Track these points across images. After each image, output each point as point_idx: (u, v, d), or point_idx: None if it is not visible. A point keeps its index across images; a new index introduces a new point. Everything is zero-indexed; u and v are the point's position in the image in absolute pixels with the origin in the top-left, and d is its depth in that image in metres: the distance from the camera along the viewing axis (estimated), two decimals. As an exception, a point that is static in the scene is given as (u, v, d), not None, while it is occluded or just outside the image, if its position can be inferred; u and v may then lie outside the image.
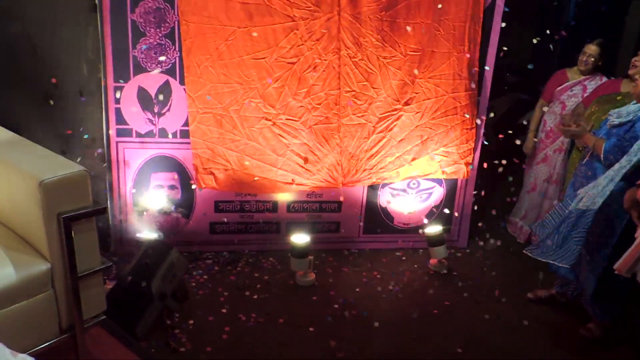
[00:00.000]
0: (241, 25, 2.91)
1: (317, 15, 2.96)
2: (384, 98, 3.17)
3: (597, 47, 3.43)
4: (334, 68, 3.06)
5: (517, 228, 3.88)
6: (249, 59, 2.97)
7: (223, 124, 3.05)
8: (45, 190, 1.71)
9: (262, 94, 3.03)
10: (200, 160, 3.11)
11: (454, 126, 3.33)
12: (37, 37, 2.85)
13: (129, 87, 3.00)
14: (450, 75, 3.23)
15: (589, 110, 3.11)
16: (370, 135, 3.22)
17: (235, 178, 3.16)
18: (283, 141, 3.14)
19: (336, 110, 3.13)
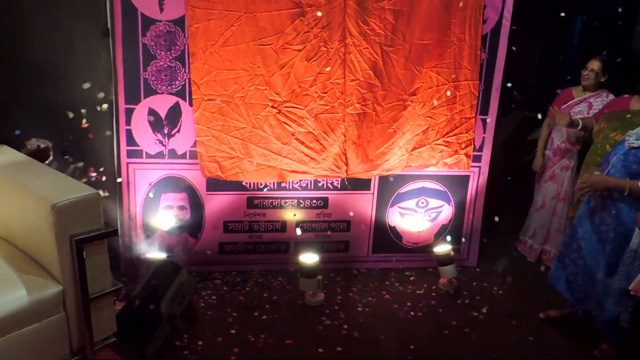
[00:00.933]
0: (247, 11, 2.91)
1: (323, 2, 2.97)
2: (389, 87, 3.16)
3: (599, 62, 3.44)
4: (339, 57, 3.06)
5: (527, 247, 3.86)
6: (254, 45, 2.96)
7: (228, 111, 3.05)
8: (58, 213, 1.73)
9: (267, 80, 3.03)
10: (204, 148, 3.10)
11: (453, 115, 3.32)
12: (50, 61, 2.90)
13: (139, 108, 3.04)
14: (451, 64, 3.23)
15: (598, 127, 3.10)
16: (375, 125, 3.21)
17: (240, 166, 3.15)
18: (288, 129, 3.13)
19: (342, 99, 3.13)
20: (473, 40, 3.21)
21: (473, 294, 3.34)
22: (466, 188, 3.55)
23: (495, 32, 3.28)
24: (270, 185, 3.32)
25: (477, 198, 3.58)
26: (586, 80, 3.48)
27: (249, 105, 3.05)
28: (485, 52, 3.30)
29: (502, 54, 3.32)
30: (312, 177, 3.29)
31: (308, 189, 3.38)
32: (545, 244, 3.76)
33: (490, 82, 3.36)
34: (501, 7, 3.25)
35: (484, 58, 3.30)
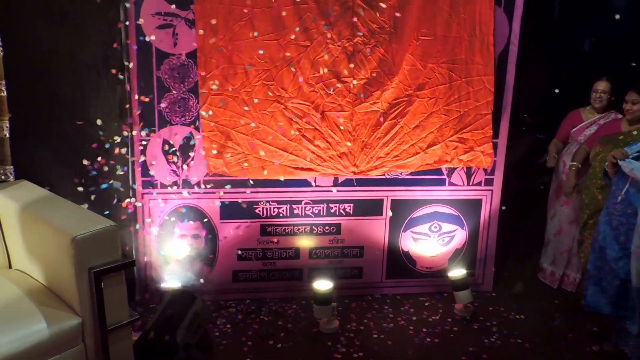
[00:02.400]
0: (254, 6, 2.95)
1: (331, 1, 3.00)
2: (397, 84, 3.17)
3: (607, 82, 3.46)
4: (347, 55, 3.09)
5: (547, 274, 3.80)
6: (262, 40, 3.00)
7: (234, 106, 3.06)
8: (78, 246, 1.76)
9: (274, 76, 3.06)
10: (210, 144, 3.12)
11: (467, 111, 3.30)
12: (68, 96, 2.98)
13: (154, 140, 3.10)
14: (463, 60, 3.22)
15: (594, 151, 3.13)
16: (383, 123, 3.22)
17: (245, 162, 3.16)
18: (294, 125, 3.14)
19: (349, 97, 3.15)
20: (484, 35, 3.20)
21: (489, 319, 3.30)
22: (479, 211, 3.54)
23: (503, 56, 3.31)
24: (283, 212, 3.34)
25: (490, 221, 3.56)
26: (598, 102, 3.50)
27: (255, 100, 3.08)
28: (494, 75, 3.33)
29: (511, 78, 3.35)
30: (317, 175, 3.27)
31: (320, 215, 3.39)
32: (567, 269, 3.70)
33: (500, 106, 3.38)
34: (508, 32, 3.29)
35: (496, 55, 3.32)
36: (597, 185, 3.09)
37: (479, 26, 3.19)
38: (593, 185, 3.14)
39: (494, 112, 3.36)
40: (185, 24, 2.98)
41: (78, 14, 2.87)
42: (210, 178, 3.20)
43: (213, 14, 2.95)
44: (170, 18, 2.96)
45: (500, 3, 3.24)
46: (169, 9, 2.94)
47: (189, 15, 2.97)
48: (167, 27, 2.97)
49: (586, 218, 3.21)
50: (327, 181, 3.34)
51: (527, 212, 4.37)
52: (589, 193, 3.19)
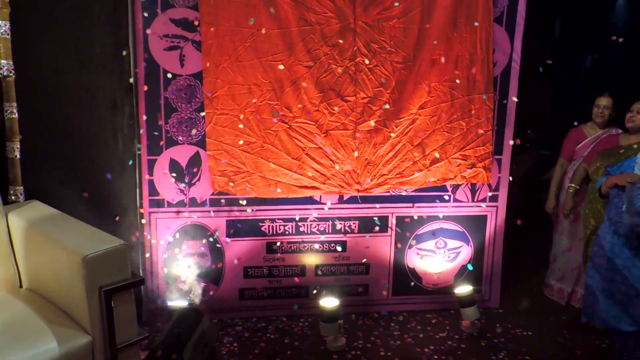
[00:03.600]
0: (259, 28, 3.01)
1: (333, 22, 3.07)
2: (400, 103, 3.21)
3: (609, 97, 3.49)
4: (349, 74, 3.14)
5: (554, 290, 3.78)
6: (266, 61, 3.06)
7: (238, 126, 3.11)
8: (88, 265, 1.78)
9: (278, 96, 3.11)
10: (215, 162, 3.15)
11: (470, 129, 3.33)
12: (77, 117, 3.03)
13: (161, 159, 3.14)
14: (464, 77, 3.26)
15: (594, 166, 3.15)
16: (387, 141, 3.25)
17: (250, 181, 3.18)
18: (299, 144, 3.18)
19: (352, 116, 3.19)
20: (484, 53, 3.26)
21: (497, 335, 3.29)
22: (484, 228, 3.55)
23: (505, 74, 3.36)
24: (288, 230, 3.36)
25: (495, 238, 3.57)
26: (600, 117, 3.52)
27: (260, 119, 3.12)
28: (497, 94, 3.37)
29: (514, 95, 3.38)
30: (321, 193, 3.30)
31: (326, 232, 3.41)
32: (576, 285, 3.68)
33: (502, 123, 3.41)
34: (510, 50, 3.34)
35: (496, 99, 3.37)
36: (599, 200, 3.11)
37: (480, 44, 3.25)
38: (595, 200, 3.15)
39: (497, 129, 3.40)
40: (192, 45, 3.04)
41: (87, 38, 2.93)
42: (216, 197, 3.23)
43: (219, 35, 3.01)
44: (178, 40, 3.02)
45: (501, 22, 3.30)
46: (176, 31, 3.01)
47: (196, 37, 3.03)
48: (174, 49, 3.03)
49: (589, 233, 3.22)
50: (333, 198, 3.36)
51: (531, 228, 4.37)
52: (592, 208, 3.20)
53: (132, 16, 2.95)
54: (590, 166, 3.28)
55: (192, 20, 3.01)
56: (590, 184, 3.26)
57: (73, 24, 2.90)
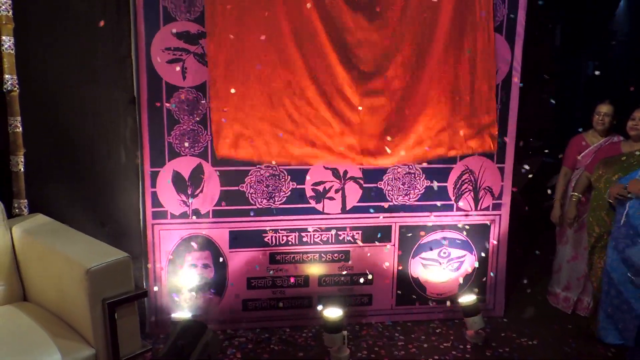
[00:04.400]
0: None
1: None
2: (400, 73, 3.18)
3: (610, 105, 3.49)
4: (352, 42, 3.11)
5: (560, 299, 3.76)
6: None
7: (244, 91, 3.07)
8: (92, 277, 1.79)
9: (284, 60, 3.07)
10: (218, 126, 3.11)
11: (473, 97, 3.30)
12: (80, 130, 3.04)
13: (164, 171, 3.15)
14: (463, 44, 3.23)
15: (596, 174, 3.15)
16: (391, 114, 3.22)
17: (254, 146, 3.16)
18: (303, 112, 3.15)
19: (355, 87, 3.17)
20: (485, 19, 3.23)
21: (502, 345, 3.27)
22: (488, 237, 3.54)
23: (506, 83, 3.37)
24: (291, 240, 3.36)
25: (499, 246, 3.56)
26: (600, 124, 3.52)
27: (265, 84, 3.09)
28: (498, 102, 3.38)
29: (515, 104, 3.39)
30: (323, 163, 3.26)
31: (329, 242, 3.40)
32: (582, 294, 3.66)
33: (504, 131, 3.41)
34: (510, 59, 3.35)
35: (498, 107, 3.37)
36: (603, 208, 3.11)
37: (479, 12, 3.23)
38: (599, 207, 3.15)
39: (499, 137, 3.40)
40: (194, 58, 3.06)
41: (90, 51, 2.96)
42: (219, 208, 3.23)
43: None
44: (180, 53, 3.05)
45: (501, 31, 3.31)
46: (178, 44, 3.03)
47: (198, 49, 3.06)
48: (176, 62, 3.05)
49: (594, 241, 3.21)
50: (336, 208, 3.36)
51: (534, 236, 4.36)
52: (595, 216, 3.19)
53: (135, 29, 2.98)
54: (592, 174, 3.28)
55: (194, 33, 3.03)
56: (593, 192, 3.25)
57: (76, 38, 2.92)
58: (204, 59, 3.07)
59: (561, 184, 3.70)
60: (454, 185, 3.45)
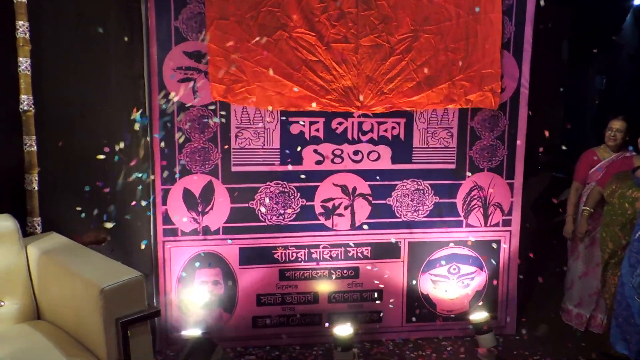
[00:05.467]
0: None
1: None
2: (402, 18, 3.13)
3: (623, 121, 3.49)
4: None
5: (573, 316, 3.72)
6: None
7: (240, 32, 3.02)
8: (106, 297, 1.81)
9: (280, 2, 3.02)
10: (214, 69, 3.07)
11: (475, 49, 3.24)
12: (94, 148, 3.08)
13: (175, 189, 3.18)
14: (472, 3, 3.19)
15: (609, 189, 3.14)
16: (388, 58, 3.17)
17: (249, 91, 3.11)
18: (299, 56, 3.11)
19: (354, 29, 3.12)
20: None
21: (514, 363, 3.24)
22: (498, 252, 3.53)
23: (514, 99, 3.38)
24: (301, 256, 3.37)
25: (510, 262, 3.54)
26: (612, 140, 3.51)
27: (262, 25, 3.05)
28: (506, 118, 3.39)
29: (523, 120, 3.40)
30: (320, 108, 3.20)
31: (338, 259, 3.41)
32: (595, 311, 3.62)
33: (513, 147, 3.42)
34: (518, 75, 3.37)
35: (506, 124, 3.38)
36: (617, 223, 3.08)
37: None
38: (613, 223, 3.12)
39: (508, 152, 3.41)
40: (205, 77, 3.11)
41: (104, 72, 3.01)
42: (229, 225, 3.25)
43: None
44: (191, 72, 3.09)
45: (509, 48, 3.33)
46: (189, 64, 3.08)
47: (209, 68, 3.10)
48: (187, 81, 3.10)
49: (607, 257, 3.19)
50: (345, 224, 3.37)
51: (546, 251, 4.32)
52: (609, 231, 3.17)
53: (147, 50, 3.03)
54: (605, 189, 3.26)
55: (204, 53, 3.08)
56: (606, 207, 3.23)
57: (91, 59, 2.98)
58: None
59: (573, 199, 3.68)
60: (463, 201, 3.45)
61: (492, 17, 3.24)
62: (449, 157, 3.40)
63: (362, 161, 3.33)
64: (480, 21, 3.22)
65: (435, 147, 3.38)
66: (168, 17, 3.01)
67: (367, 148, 3.32)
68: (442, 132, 3.38)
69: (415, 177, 3.39)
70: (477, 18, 3.22)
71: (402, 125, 3.34)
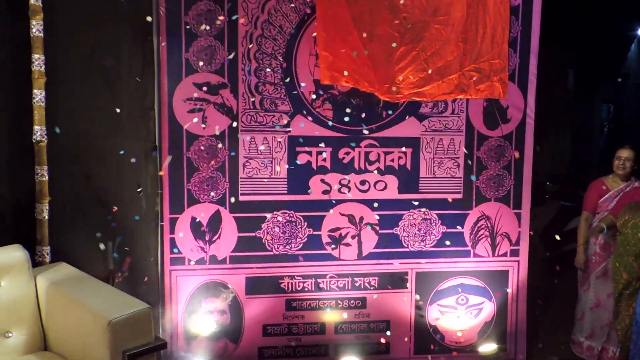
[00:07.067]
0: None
1: None
2: (411, 9, 3.10)
3: (630, 149, 3.48)
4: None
5: (584, 348, 3.65)
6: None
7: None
8: (114, 329, 1.81)
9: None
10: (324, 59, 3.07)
11: (484, 40, 3.21)
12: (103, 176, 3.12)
13: (183, 217, 3.20)
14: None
15: (622, 219, 3.11)
16: (400, 47, 3.13)
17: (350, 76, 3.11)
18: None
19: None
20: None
21: (525, 397, 3.18)
22: (506, 283, 3.50)
23: (520, 129, 3.40)
24: (308, 286, 3.35)
25: (519, 293, 3.50)
26: (621, 169, 3.51)
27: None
28: (513, 148, 3.41)
29: (530, 150, 3.42)
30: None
31: (346, 289, 3.39)
32: (607, 343, 3.56)
33: (520, 178, 3.42)
34: (524, 106, 3.40)
35: (512, 154, 3.40)
36: (631, 253, 3.05)
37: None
38: (627, 253, 3.09)
39: (515, 183, 3.41)
40: (214, 107, 3.16)
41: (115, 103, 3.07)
42: (236, 254, 3.25)
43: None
44: (201, 103, 3.15)
45: (514, 79, 3.37)
46: (199, 95, 3.14)
47: (218, 99, 3.16)
48: (197, 111, 3.15)
49: (621, 288, 3.14)
50: (352, 254, 3.37)
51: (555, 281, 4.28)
52: (622, 261, 3.13)
53: (158, 82, 3.09)
54: (618, 219, 3.24)
55: (214, 84, 3.14)
56: (619, 237, 3.20)
57: (103, 91, 3.04)
58: (223, 108, 3.17)
59: (583, 228, 3.65)
60: (471, 231, 3.44)
61: (501, 7, 3.27)
62: (455, 187, 3.41)
63: (369, 191, 3.35)
64: (489, 12, 3.24)
65: (441, 176, 3.40)
66: (179, 49, 3.08)
67: (373, 178, 3.34)
68: (448, 161, 3.40)
69: (422, 207, 3.39)
70: (486, 9, 3.22)
71: (408, 155, 3.36)
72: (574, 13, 4.17)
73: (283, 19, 3.17)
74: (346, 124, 3.29)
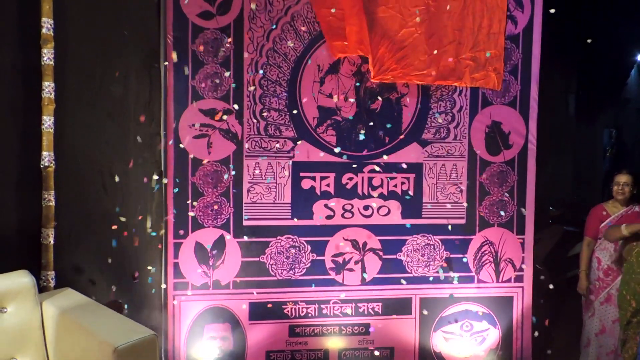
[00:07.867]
0: None
1: None
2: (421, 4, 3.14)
3: (628, 175, 3.50)
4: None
5: None
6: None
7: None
8: (119, 356, 1.81)
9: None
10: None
11: (481, 30, 3.24)
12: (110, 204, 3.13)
13: (187, 242, 3.21)
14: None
15: (627, 247, 3.10)
16: (401, 29, 3.16)
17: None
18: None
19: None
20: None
21: None
22: (511, 309, 3.48)
23: (522, 155, 3.43)
24: (311, 312, 3.34)
25: (524, 319, 3.48)
26: (621, 194, 3.52)
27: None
28: (515, 174, 3.43)
29: (532, 176, 3.44)
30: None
31: (349, 315, 3.37)
32: None
33: (522, 203, 3.44)
34: (525, 132, 3.44)
35: (514, 179, 3.42)
36: (637, 281, 3.04)
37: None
38: (633, 280, 3.08)
39: (517, 208, 3.42)
40: (219, 133, 3.20)
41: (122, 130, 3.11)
42: (239, 279, 3.25)
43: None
44: (206, 129, 3.19)
45: (515, 106, 3.42)
46: (205, 121, 3.18)
47: (223, 125, 3.20)
48: (202, 137, 3.19)
49: (630, 316, 3.11)
50: (356, 280, 3.36)
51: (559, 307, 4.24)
52: (630, 289, 3.11)
53: (165, 108, 3.14)
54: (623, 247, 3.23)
55: (219, 111, 3.19)
56: (625, 264, 3.19)
57: (110, 118, 3.08)
58: (228, 134, 3.21)
59: (585, 254, 3.64)
60: (474, 257, 3.44)
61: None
62: (458, 213, 3.42)
63: (372, 216, 3.36)
64: (486, 2, 3.29)
65: (444, 202, 3.41)
66: (185, 76, 3.14)
67: (377, 203, 3.36)
68: (451, 187, 3.42)
69: (426, 232, 3.40)
70: (484, 4, 3.27)
71: (411, 181, 3.39)
72: (574, 40, 4.23)
73: (287, 46, 3.23)
74: (349, 150, 3.32)
